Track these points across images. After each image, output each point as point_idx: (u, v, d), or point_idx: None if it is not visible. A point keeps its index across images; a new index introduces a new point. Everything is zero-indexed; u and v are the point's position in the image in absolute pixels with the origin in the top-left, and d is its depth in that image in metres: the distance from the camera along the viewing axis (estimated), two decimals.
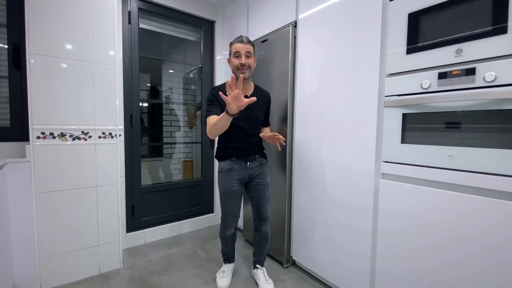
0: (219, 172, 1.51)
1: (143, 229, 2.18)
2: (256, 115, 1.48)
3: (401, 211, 1.17)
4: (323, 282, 1.62)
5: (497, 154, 0.91)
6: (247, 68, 1.37)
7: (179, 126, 3.02)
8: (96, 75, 1.62)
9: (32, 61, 1.42)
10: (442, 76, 1.03)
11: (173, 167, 2.98)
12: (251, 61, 1.39)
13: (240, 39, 1.39)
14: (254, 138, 1.50)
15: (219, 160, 1.52)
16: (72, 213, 1.57)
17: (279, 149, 1.48)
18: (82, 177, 1.60)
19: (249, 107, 1.23)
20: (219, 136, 1.42)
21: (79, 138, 1.57)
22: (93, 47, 1.60)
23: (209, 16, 2.48)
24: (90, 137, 1.61)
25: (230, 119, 1.21)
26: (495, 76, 0.90)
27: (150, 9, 2.16)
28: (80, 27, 1.55)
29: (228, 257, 1.71)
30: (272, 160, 1.88)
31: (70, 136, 1.55)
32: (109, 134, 1.68)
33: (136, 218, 2.15)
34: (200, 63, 2.55)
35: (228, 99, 1.14)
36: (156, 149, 3.05)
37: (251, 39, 2.11)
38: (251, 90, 1.49)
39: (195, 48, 2.64)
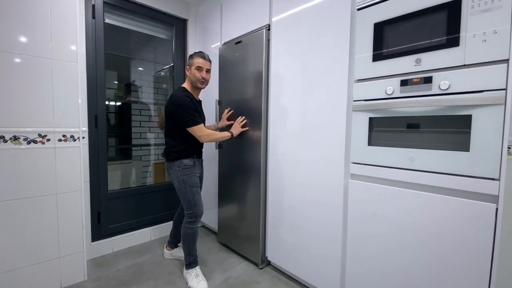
0: (183, 168, 1.62)
1: (110, 237, 2.05)
2: (204, 117, 1.82)
3: (369, 208, 1.24)
4: (298, 282, 1.66)
5: (450, 155, 1.00)
6: (206, 82, 1.67)
7: (150, 127, 2.89)
8: (55, 72, 1.49)
9: None
10: (404, 83, 1.11)
11: (143, 170, 2.85)
12: (209, 77, 1.69)
13: (202, 55, 1.63)
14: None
15: (181, 158, 1.63)
16: (28, 224, 1.43)
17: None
18: (40, 184, 1.46)
19: (201, 109, 1.78)
20: (182, 139, 1.63)
21: (35, 142, 1.44)
22: (51, 41, 1.47)
23: (181, 14, 2.41)
24: (48, 140, 1.47)
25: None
26: (449, 85, 0.99)
27: (116, 4, 2.04)
28: (36, 19, 1.41)
29: (196, 258, 1.69)
30: (247, 160, 1.88)
31: (25, 139, 1.40)
32: (71, 137, 1.56)
33: (103, 226, 2.02)
34: (172, 62, 2.47)
35: (241, 127, 1.83)
36: (125, 152, 2.89)
37: (225, 40, 2.11)
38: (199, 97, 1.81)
39: (166, 46, 2.54)
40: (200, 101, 1.77)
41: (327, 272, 1.43)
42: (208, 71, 1.66)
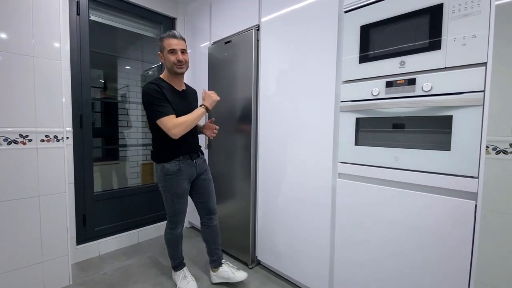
0: (164, 175, 1.43)
1: (96, 240, 2.00)
2: (193, 109, 1.48)
3: (356, 207, 1.27)
4: (288, 280, 1.68)
5: (433, 155, 1.04)
6: (184, 64, 1.42)
7: (137, 127, 2.84)
8: (37, 70, 1.44)
9: None
10: (389, 84, 1.14)
11: (131, 170, 2.79)
12: (187, 57, 1.43)
13: (172, 34, 1.39)
14: (195, 132, 1.54)
15: (162, 162, 1.43)
16: (9, 228, 1.38)
17: (211, 138, 1.63)
18: (21, 186, 1.40)
19: (188, 100, 1.52)
20: (159, 137, 1.42)
21: (16, 142, 1.38)
22: (33, 38, 1.42)
23: (170, 13, 2.38)
24: (30, 140, 1.42)
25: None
26: (431, 87, 1.03)
27: (102, 1, 1.99)
28: (17, 14, 1.36)
29: (181, 261, 1.65)
30: (237, 159, 1.88)
31: (5, 140, 1.35)
32: (54, 137, 1.51)
33: (88, 229, 1.97)
34: (160, 61, 2.43)
35: (213, 95, 1.45)
36: (112, 152, 2.82)
37: (215, 39, 2.10)
38: (184, 85, 1.55)
39: (154, 45, 2.50)
40: (183, 91, 1.51)
41: (316, 269, 1.45)
42: (183, 51, 1.41)
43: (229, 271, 1.58)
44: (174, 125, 1.33)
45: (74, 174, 1.86)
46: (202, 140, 1.93)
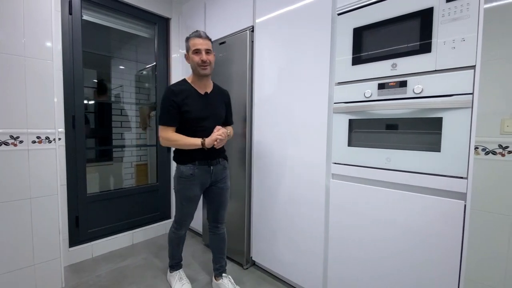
0: (178, 177, 1.41)
1: (89, 241, 1.98)
2: (219, 113, 1.46)
3: (349, 207, 1.28)
4: (282, 281, 1.68)
5: (423, 156, 1.06)
6: (208, 65, 1.36)
7: (131, 127, 2.82)
8: (28, 70, 1.41)
9: None
10: (381, 86, 1.15)
11: (125, 171, 2.77)
12: (211, 58, 1.38)
13: (198, 34, 1.36)
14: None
15: (179, 163, 1.42)
16: None
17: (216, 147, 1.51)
18: (12, 188, 1.38)
19: (212, 103, 1.41)
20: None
21: (6, 144, 1.36)
22: (24, 37, 1.40)
23: (164, 13, 2.37)
24: (21, 142, 1.40)
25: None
26: (422, 89, 1.05)
27: (95, 0, 1.97)
28: (7, 13, 1.34)
29: (179, 262, 1.66)
30: (232, 160, 1.88)
31: None
32: (46, 139, 1.49)
33: (81, 230, 1.94)
34: (154, 61, 2.42)
35: (214, 135, 1.33)
36: (105, 153, 2.80)
37: None
38: (210, 87, 1.47)
39: (148, 45, 2.49)
40: (208, 93, 1.43)
41: (310, 269, 1.46)
42: (208, 51, 1.37)
43: (229, 286, 1.53)
44: (165, 138, 1.35)
45: (66, 175, 1.84)
46: None
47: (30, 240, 1.46)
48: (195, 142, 1.33)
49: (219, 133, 1.35)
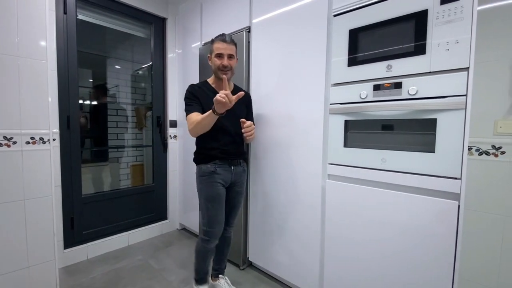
0: (199, 176, 1.38)
1: (85, 243, 1.96)
2: (238, 114, 1.41)
3: (345, 207, 1.29)
4: (279, 281, 1.69)
5: (418, 156, 1.07)
6: (229, 70, 1.35)
7: (127, 128, 2.80)
8: (22, 70, 1.40)
9: None
10: (376, 88, 1.16)
11: (121, 172, 2.75)
12: (233, 63, 1.37)
13: (222, 38, 1.34)
14: (237, 138, 1.42)
15: (198, 163, 1.40)
16: None
17: (248, 141, 1.53)
18: (6, 189, 1.36)
19: (238, 107, 1.36)
20: (199, 137, 1.37)
21: (0, 145, 1.34)
22: (17, 36, 1.38)
23: (160, 13, 2.36)
24: (14, 143, 1.38)
25: (216, 118, 1.22)
26: (417, 90, 1.06)
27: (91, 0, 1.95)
28: (0, 13, 1.32)
29: (205, 276, 1.49)
30: None
31: None
32: (40, 139, 1.47)
33: (76, 232, 1.93)
34: (150, 61, 2.40)
35: (218, 96, 1.14)
36: (101, 153, 2.77)
37: (205, 40, 2.09)
38: (231, 89, 1.41)
39: (144, 45, 2.47)
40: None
41: (307, 269, 1.47)
42: (230, 56, 1.35)
43: (224, 287, 1.53)
44: (189, 124, 1.31)
45: (61, 176, 1.82)
46: None
47: (24, 242, 1.44)
48: (206, 114, 1.24)
49: (221, 94, 1.17)
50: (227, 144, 1.38)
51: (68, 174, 1.87)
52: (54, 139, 1.71)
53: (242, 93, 1.19)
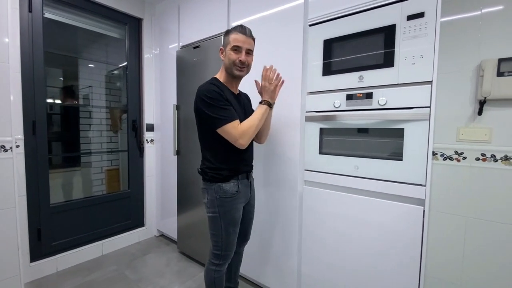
0: (220, 198, 1.16)
1: (54, 255, 1.85)
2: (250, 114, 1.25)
3: (320, 212, 1.32)
4: (257, 285, 1.69)
5: (388, 164, 1.12)
6: (245, 67, 1.18)
7: (101, 131, 2.68)
8: None
9: None
10: (349, 97, 1.20)
11: (95, 177, 2.62)
12: (250, 60, 1.19)
13: (242, 30, 1.14)
14: (252, 143, 1.29)
15: (219, 182, 1.16)
16: None
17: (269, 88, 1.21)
18: None
19: (244, 105, 1.27)
20: (217, 150, 1.16)
21: None
22: None
23: (136, 13, 2.28)
24: None
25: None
26: (386, 101, 1.11)
27: None
28: None
29: None
30: None
31: None
32: (1, 147, 1.37)
33: (44, 244, 1.81)
34: (125, 61, 2.32)
35: (268, 84, 1.13)
36: (72, 158, 2.63)
37: (183, 43, 2.05)
38: (236, 92, 1.29)
39: (119, 45, 2.38)
40: (238, 95, 1.27)
41: (286, 274, 1.49)
42: (249, 52, 1.16)
43: None
44: (241, 133, 1.08)
45: (26, 185, 1.71)
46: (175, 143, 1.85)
47: None
48: (262, 111, 1.15)
49: (268, 80, 1.16)
50: (249, 151, 1.24)
51: (35, 183, 1.75)
52: (18, 146, 1.60)
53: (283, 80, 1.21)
